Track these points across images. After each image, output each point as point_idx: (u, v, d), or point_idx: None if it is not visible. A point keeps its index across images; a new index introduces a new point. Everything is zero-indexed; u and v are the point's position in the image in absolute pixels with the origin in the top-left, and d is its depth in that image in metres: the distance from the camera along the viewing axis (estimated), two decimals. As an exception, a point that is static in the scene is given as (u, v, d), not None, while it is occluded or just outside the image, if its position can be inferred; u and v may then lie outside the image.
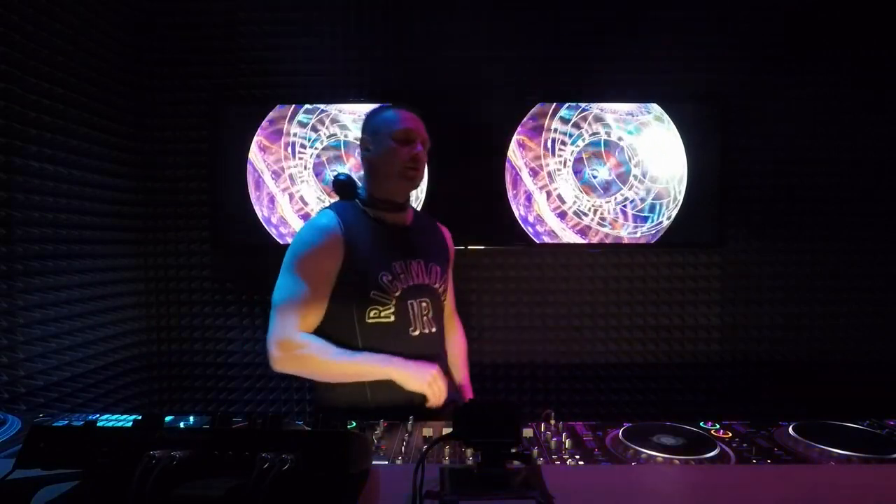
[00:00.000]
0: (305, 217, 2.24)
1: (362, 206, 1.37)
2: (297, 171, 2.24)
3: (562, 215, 2.25)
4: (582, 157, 2.24)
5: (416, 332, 1.32)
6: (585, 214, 2.25)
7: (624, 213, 2.25)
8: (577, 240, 2.26)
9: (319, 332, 1.29)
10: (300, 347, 1.24)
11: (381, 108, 1.40)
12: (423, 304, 1.35)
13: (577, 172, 2.24)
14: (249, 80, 2.27)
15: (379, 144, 1.33)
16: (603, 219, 2.25)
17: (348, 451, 0.60)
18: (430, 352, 1.35)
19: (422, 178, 1.36)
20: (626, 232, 2.26)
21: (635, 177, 2.24)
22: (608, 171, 2.24)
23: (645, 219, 2.25)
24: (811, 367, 2.32)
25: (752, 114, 2.27)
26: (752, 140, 2.28)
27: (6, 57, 1.58)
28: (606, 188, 2.25)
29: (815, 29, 2.23)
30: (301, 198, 2.25)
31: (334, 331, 1.29)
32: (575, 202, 2.25)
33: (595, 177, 2.24)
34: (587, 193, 2.25)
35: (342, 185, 1.38)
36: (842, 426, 1.12)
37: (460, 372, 1.56)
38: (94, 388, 1.94)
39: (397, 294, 1.31)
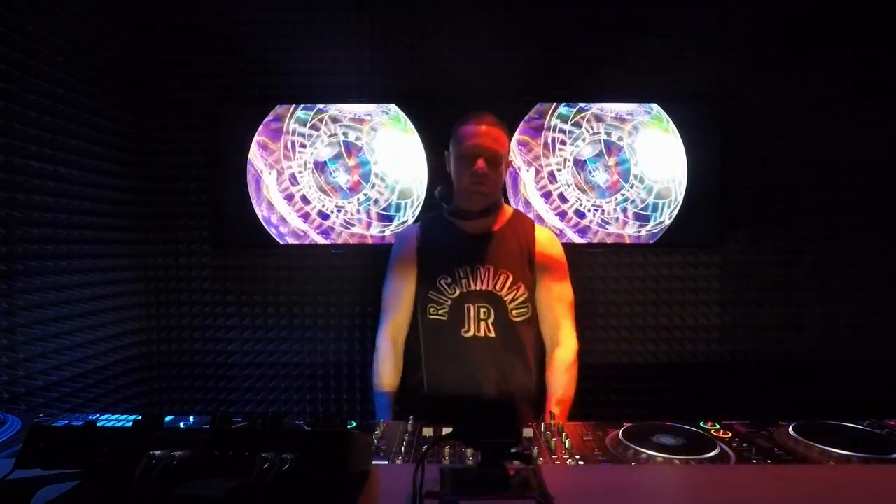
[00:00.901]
0: (305, 216, 2.24)
1: (447, 215, 1.52)
2: (298, 170, 2.24)
3: (562, 215, 2.26)
4: (582, 157, 2.24)
5: (469, 334, 1.43)
6: (585, 214, 2.25)
7: (624, 212, 2.25)
8: (577, 240, 2.26)
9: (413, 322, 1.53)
10: (376, 350, 1.54)
11: (463, 118, 1.47)
12: (483, 309, 1.43)
13: (577, 172, 2.24)
14: (249, 80, 2.27)
15: (454, 158, 1.46)
16: (604, 220, 2.25)
17: (348, 451, 0.60)
18: (484, 355, 1.43)
19: (492, 189, 1.43)
20: (626, 231, 2.26)
21: (635, 175, 2.24)
22: (608, 170, 2.24)
23: (645, 218, 2.25)
24: (811, 367, 2.32)
25: (752, 114, 2.27)
26: (752, 140, 2.28)
27: (6, 57, 1.58)
28: (606, 188, 2.24)
29: (815, 29, 2.23)
30: (303, 197, 2.25)
31: (416, 320, 1.51)
32: (575, 201, 2.25)
33: (595, 176, 2.24)
34: (587, 193, 2.25)
35: (442, 196, 1.61)
36: (842, 426, 1.12)
37: (553, 388, 1.53)
38: (94, 388, 1.94)
39: (454, 296, 1.43)
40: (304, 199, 2.25)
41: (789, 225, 2.31)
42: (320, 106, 2.23)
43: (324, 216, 2.25)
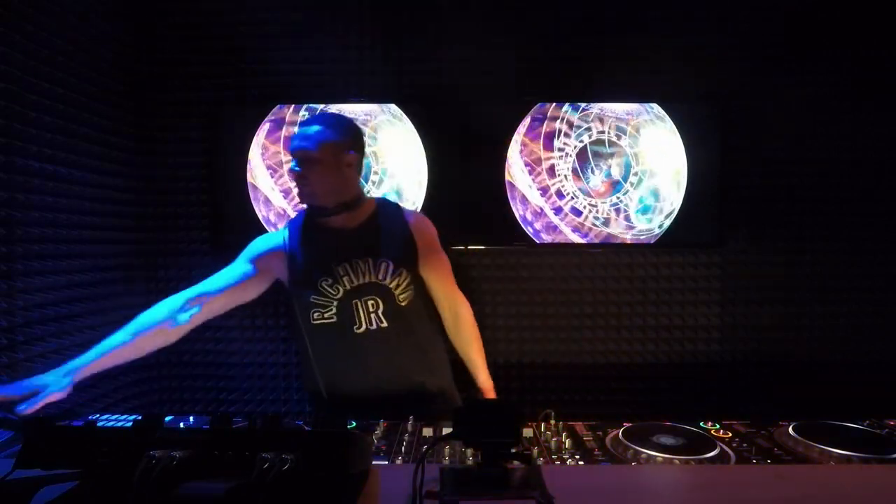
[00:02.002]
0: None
1: (311, 216, 1.47)
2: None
3: (561, 214, 2.25)
4: (581, 157, 2.24)
5: (362, 329, 1.41)
6: (584, 213, 2.25)
7: (623, 212, 2.25)
8: (577, 239, 2.26)
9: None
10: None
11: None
12: (371, 302, 1.41)
13: (577, 172, 2.24)
14: (249, 80, 2.27)
15: None
16: (604, 219, 2.25)
17: (348, 451, 0.60)
18: (383, 346, 1.42)
19: (310, 188, 1.39)
20: (625, 231, 2.26)
21: (635, 173, 2.24)
22: (608, 170, 2.24)
23: (644, 218, 2.25)
24: (811, 367, 2.32)
25: (752, 114, 2.27)
26: (752, 140, 2.28)
27: (6, 57, 1.58)
28: (606, 187, 2.24)
29: (815, 29, 2.23)
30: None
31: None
32: (574, 201, 2.25)
33: (595, 176, 2.24)
34: (587, 193, 2.25)
35: None
36: (842, 426, 1.12)
37: (474, 364, 1.57)
38: (93, 388, 1.93)
39: (339, 295, 1.40)
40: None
41: (789, 225, 2.31)
42: (320, 106, 2.23)
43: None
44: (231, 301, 1.49)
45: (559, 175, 2.24)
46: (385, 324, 1.41)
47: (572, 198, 2.25)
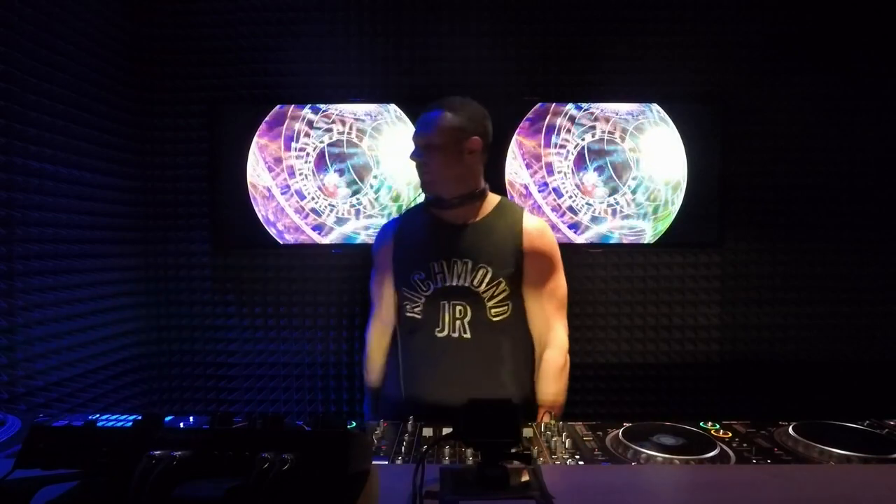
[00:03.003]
0: (303, 214, 2.24)
1: (426, 205, 1.43)
2: (298, 165, 2.24)
3: (561, 214, 2.25)
4: (581, 157, 2.24)
5: (443, 334, 1.33)
6: (583, 212, 2.25)
7: (623, 212, 2.25)
8: (577, 239, 2.26)
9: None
10: (365, 344, 1.57)
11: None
12: (459, 308, 1.32)
13: (577, 172, 2.24)
14: (249, 80, 2.27)
15: None
16: (599, 217, 2.25)
17: (348, 451, 0.60)
18: (458, 358, 1.33)
19: (431, 176, 1.34)
20: (625, 231, 2.25)
21: (634, 178, 2.24)
22: (608, 170, 2.24)
23: (644, 218, 2.25)
24: (811, 367, 2.32)
25: (752, 114, 2.27)
26: (752, 140, 2.28)
27: (6, 57, 1.58)
28: (606, 188, 2.24)
29: (815, 29, 2.23)
30: (297, 192, 2.25)
31: (397, 317, 1.45)
32: (574, 201, 2.25)
33: (595, 176, 2.24)
34: (587, 193, 2.25)
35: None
36: (842, 426, 1.12)
37: (542, 394, 1.39)
38: (94, 388, 1.93)
39: (428, 293, 1.33)
40: (300, 195, 2.25)
41: (789, 225, 2.31)
42: (321, 105, 2.23)
43: (318, 214, 2.25)
44: (391, 309, 1.46)
45: (558, 173, 2.24)
46: (468, 335, 1.32)
47: (571, 197, 2.25)
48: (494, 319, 1.33)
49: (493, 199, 1.42)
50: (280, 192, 2.24)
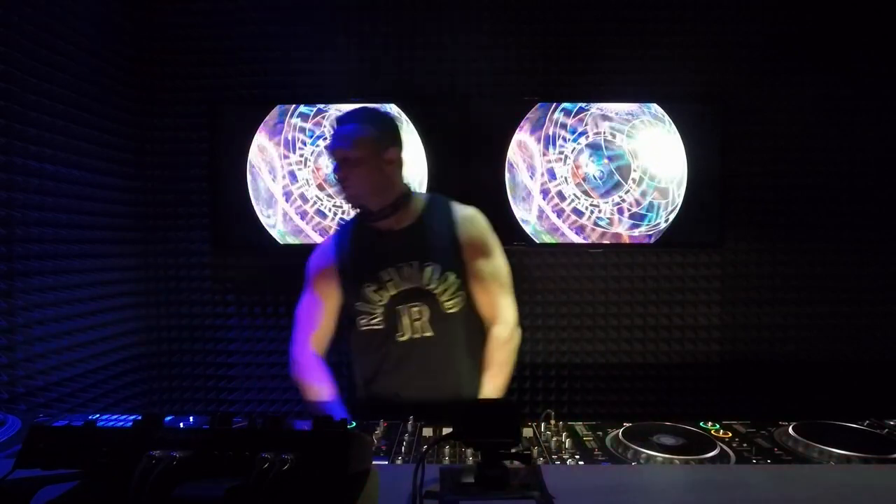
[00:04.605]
0: (303, 215, 2.24)
1: (358, 219, 1.44)
2: (298, 167, 2.24)
3: (560, 213, 2.25)
4: (581, 157, 2.24)
5: (404, 338, 1.35)
6: (584, 213, 2.25)
7: (623, 212, 2.25)
8: (577, 239, 2.26)
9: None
10: (296, 364, 1.43)
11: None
12: (416, 309, 1.34)
13: (577, 171, 2.24)
14: (249, 80, 2.27)
15: None
16: (601, 218, 2.25)
17: (348, 451, 0.60)
18: (422, 357, 1.35)
19: (353, 191, 1.34)
20: (625, 231, 2.25)
21: (634, 180, 2.23)
22: (608, 170, 2.24)
23: (643, 217, 2.25)
24: (811, 367, 2.32)
25: (752, 114, 2.27)
26: (752, 140, 2.28)
27: (6, 57, 1.58)
28: (606, 187, 2.24)
29: (815, 29, 2.23)
30: (301, 195, 2.25)
31: (350, 333, 1.43)
32: (574, 201, 2.25)
33: (595, 176, 2.24)
34: (587, 193, 2.25)
35: None
36: (842, 426, 1.12)
37: (486, 364, 1.40)
38: (94, 388, 1.93)
39: (383, 302, 1.35)
40: (303, 198, 2.25)
41: (789, 225, 2.31)
42: (321, 106, 2.23)
43: (321, 215, 2.25)
44: (328, 333, 1.44)
45: (559, 178, 2.24)
46: (430, 333, 1.34)
47: (573, 199, 2.25)
48: (450, 312, 1.36)
49: (421, 197, 1.44)
50: (282, 195, 2.24)
